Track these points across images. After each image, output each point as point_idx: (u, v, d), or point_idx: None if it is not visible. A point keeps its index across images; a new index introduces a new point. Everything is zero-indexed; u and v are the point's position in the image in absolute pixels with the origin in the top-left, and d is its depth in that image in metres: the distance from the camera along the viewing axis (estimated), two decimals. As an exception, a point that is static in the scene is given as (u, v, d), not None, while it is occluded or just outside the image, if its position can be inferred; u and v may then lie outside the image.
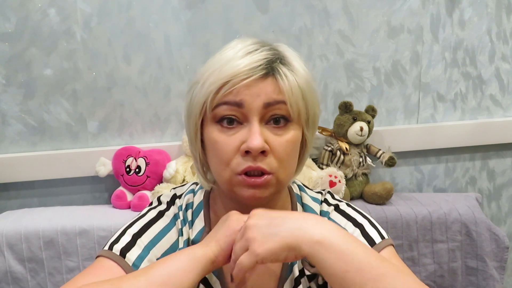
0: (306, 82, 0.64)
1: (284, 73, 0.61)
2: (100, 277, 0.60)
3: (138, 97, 1.24)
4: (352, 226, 0.69)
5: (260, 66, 0.60)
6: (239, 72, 0.60)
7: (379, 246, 0.65)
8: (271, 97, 0.61)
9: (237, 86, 0.60)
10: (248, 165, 0.61)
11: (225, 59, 0.62)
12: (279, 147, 0.62)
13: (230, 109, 0.61)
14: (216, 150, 0.63)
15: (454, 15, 1.37)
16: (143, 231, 0.67)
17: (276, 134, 0.62)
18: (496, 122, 1.44)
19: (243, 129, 0.62)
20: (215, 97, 0.61)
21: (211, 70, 0.62)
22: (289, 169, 0.65)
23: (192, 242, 0.70)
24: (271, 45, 0.65)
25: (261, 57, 0.61)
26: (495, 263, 1.22)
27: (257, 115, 0.61)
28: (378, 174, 1.39)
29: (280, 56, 0.63)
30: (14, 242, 1.06)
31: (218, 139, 0.62)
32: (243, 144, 0.61)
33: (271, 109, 0.61)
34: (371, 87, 1.35)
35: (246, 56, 0.61)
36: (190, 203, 0.72)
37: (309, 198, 0.74)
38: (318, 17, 1.28)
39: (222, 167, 0.63)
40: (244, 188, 0.62)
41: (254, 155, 0.60)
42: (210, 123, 0.63)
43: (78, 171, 1.23)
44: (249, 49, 0.62)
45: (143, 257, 0.64)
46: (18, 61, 1.17)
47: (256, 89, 0.60)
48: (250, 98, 0.60)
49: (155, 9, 1.20)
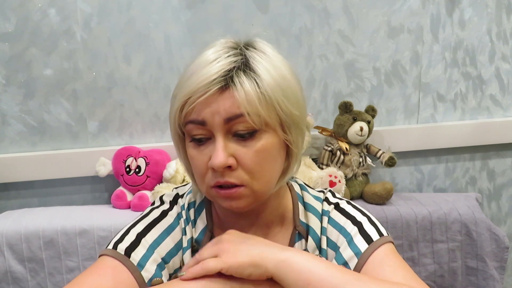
0: (275, 83, 0.60)
1: (240, 83, 0.58)
2: (104, 277, 0.60)
3: (138, 97, 1.24)
4: (351, 225, 0.69)
5: (216, 80, 0.58)
6: (196, 89, 0.58)
7: (377, 243, 0.65)
8: (229, 111, 0.59)
9: (196, 104, 0.59)
10: (216, 180, 0.61)
11: (190, 71, 0.60)
12: (247, 159, 0.60)
13: (196, 128, 0.61)
14: (193, 165, 0.64)
15: (454, 15, 1.37)
16: (147, 231, 0.67)
17: (244, 146, 0.61)
18: (496, 122, 1.44)
19: (212, 144, 0.61)
20: (181, 115, 0.61)
21: (180, 84, 0.62)
22: (264, 178, 0.63)
23: (196, 241, 0.70)
24: (243, 47, 0.62)
25: (217, 69, 0.58)
26: (495, 263, 1.22)
27: (220, 131, 0.60)
28: (378, 174, 1.39)
29: (242, 62, 0.60)
30: (14, 242, 1.06)
31: (193, 154, 0.63)
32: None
33: (233, 123, 0.59)
34: (371, 87, 1.35)
35: (205, 68, 0.59)
36: (192, 202, 0.73)
37: (311, 197, 0.74)
38: (318, 17, 1.28)
39: (200, 181, 0.64)
40: (220, 199, 0.63)
41: (220, 171, 0.60)
42: (187, 138, 0.64)
43: (78, 171, 1.23)
44: (209, 59, 0.60)
45: (148, 256, 0.64)
46: (18, 61, 1.17)
47: (215, 105, 0.59)
48: (210, 117, 0.59)
49: (155, 9, 1.20)
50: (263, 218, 0.70)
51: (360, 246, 0.65)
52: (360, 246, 0.65)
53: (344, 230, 0.69)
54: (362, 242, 0.66)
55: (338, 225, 0.70)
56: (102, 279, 0.59)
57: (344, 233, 0.69)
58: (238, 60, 0.60)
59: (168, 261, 0.67)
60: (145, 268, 0.63)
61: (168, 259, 0.67)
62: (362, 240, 0.66)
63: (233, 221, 0.70)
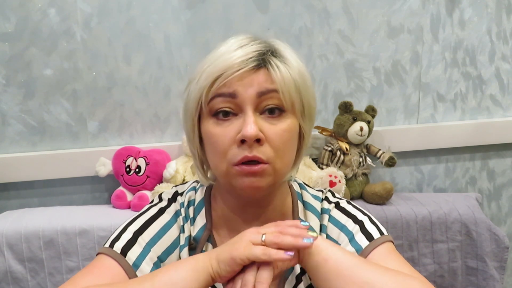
0: (299, 73, 0.64)
1: (276, 64, 0.62)
2: (100, 276, 0.60)
3: (138, 97, 1.24)
4: (352, 223, 0.70)
5: (252, 58, 0.61)
6: (231, 65, 0.60)
7: (377, 241, 0.66)
8: (263, 86, 0.61)
9: (230, 78, 0.61)
10: (244, 155, 0.61)
11: (218, 54, 0.63)
12: (275, 136, 0.62)
13: (225, 101, 0.62)
14: (213, 143, 0.63)
15: (454, 15, 1.37)
16: (144, 228, 0.67)
17: (271, 123, 0.63)
18: (496, 122, 1.44)
19: (238, 120, 0.62)
20: (209, 90, 0.62)
21: (205, 66, 0.63)
22: (286, 159, 0.65)
23: (194, 239, 0.70)
24: (264, 39, 0.66)
25: (252, 50, 0.62)
26: (495, 263, 1.22)
27: (251, 104, 0.61)
28: (378, 174, 1.39)
29: (272, 49, 0.64)
30: (14, 242, 1.06)
31: (214, 131, 0.63)
32: (238, 134, 0.61)
33: (265, 98, 0.62)
34: (371, 87, 1.35)
35: (238, 50, 0.62)
36: (192, 200, 0.73)
37: (310, 196, 0.75)
38: (318, 17, 1.28)
39: (219, 159, 0.63)
40: (241, 177, 0.62)
41: (249, 143, 0.60)
42: (207, 117, 0.64)
43: (78, 171, 1.23)
44: (241, 43, 0.63)
45: (144, 255, 0.65)
46: (18, 61, 1.17)
47: (249, 80, 0.61)
48: (243, 89, 0.61)
49: (155, 9, 1.20)
50: (265, 215, 0.71)
51: (361, 243, 0.66)
52: (361, 243, 0.66)
53: (346, 229, 0.69)
54: (363, 239, 0.67)
55: (339, 223, 0.70)
56: (98, 278, 0.60)
57: (345, 231, 0.69)
58: (267, 46, 0.64)
59: (165, 259, 0.68)
60: (140, 268, 0.63)
61: (164, 257, 0.68)
62: (363, 238, 0.67)
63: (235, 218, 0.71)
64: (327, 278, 0.57)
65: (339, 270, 0.56)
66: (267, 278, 0.56)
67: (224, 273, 0.58)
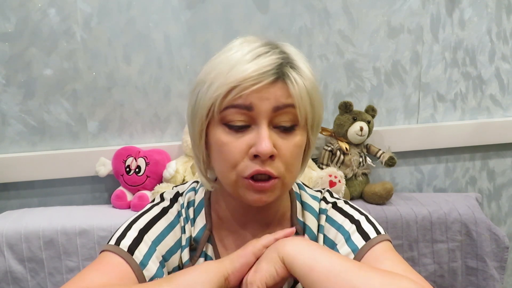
0: (313, 86, 0.64)
1: (293, 77, 0.61)
2: (108, 274, 0.60)
3: (138, 97, 1.24)
4: (349, 223, 0.69)
5: (271, 71, 0.60)
6: (248, 77, 0.59)
7: (374, 241, 0.65)
8: (280, 101, 0.61)
9: (247, 91, 0.59)
10: (256, 169, 0.61)
11: (232, 61, 0.61)
12: (286, 151, 0.62)
13: (239, 112, 0.61)
14: (223, 152, 0.62)
15: (454, 15, 1.37)
16: (149, 227, 0.67)
17: (284, 138, 0.62)
18: (496, 122, 1.44)
19: (251, 132, 0.61)
20: (223, 100, 0.60)
21: (217, 71, 0.61)
22: (295, 172, 0.65)
23: (194, 240, 0.70)
24: (278, 46, 0.64)
25: (270, 62, 0.60)
26: (495, 263, 1.22)
27: (266, 118, 0.61)
28: (378, 174, 1.39)
29: (289, 60, 0.62)
30: (14, 242, 1.06)
31: (226, 140, 0.62)
32: (251, 147, 0.61)
33: (280, 113, 0.61)
34: (371, 87, 1.35)
35: (255, 60, 0.60)
36: (191, 201, 0.73)
37: (308, 196, 0.75)
38: (318, 17, 1.28)
39: (228, 170, 0.62)
40: (250, 192, 0.62)
41: (262, 159, 0.60)
42: (217, 124, 0.63)
43: (78, 171, 1.23)
44: (258, 52, 0.61)
45: (151, 254, 0.64)
46: (18, 61, 1.17)
47: (266, 93, 0.60)
48: (259, 102, 0.60)
49: (155, 9, 1.20)
50: (265, 216, 0.71)
51: (357, 243, 0.66)
52: (357, 243, 0.66)
53: (342, 228, 0.69)
54: (359, 239, 0.66)
55: (336, 223, 0.70)
56: (106, 276, 0.59)
57: (342, 231, 0.69)
58: (285, 57, 0.62)
59: (168, 258, 0.68)
60: (147, 268, 0.63)
61: (168, 257, 0.68)
62: (359, 238, 0.66)
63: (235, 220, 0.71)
64: (315, 286, 0.57)
65: (326, 277, 0.56)
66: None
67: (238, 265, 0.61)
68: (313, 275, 0.57)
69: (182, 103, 1.26)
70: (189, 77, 1.25)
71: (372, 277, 0.55)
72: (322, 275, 0.56)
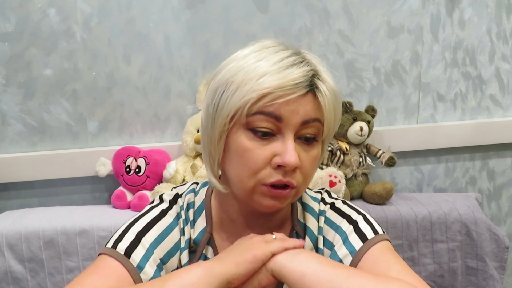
0: (337, 98, 0.64)
1: (323, 91, 0.62)
2: (105, 277, 0.59)
3: (138, 97, 1.24)
4: (346, 223, 0.69)
5: (304, 83, 0.60)
6: (283, 86, 0.59)
7: (371, 242, 0.65)
8: (309, 115, 0.61)
9: (279, 101, 0.59)
10: (279, 179, 0.61)
11: (262, 68, 0.60)
12: (307, 163, 0.63)
13: (267, 120, 0.61)
14: (245, 157, 0.62)
15: (454, 15, 1.37)
16: (147, 230, 0.67)
17: (305, 150, 0.63)
18: (496, 122, 1.44)
19: (276, 141, 0.62)
20: (253, 105, 0.60)
21: (245, 75, 0.60)
22: (309, 182, 0.67)
23: (194, 242, 0.70)
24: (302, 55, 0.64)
25: (304, 73, 0.60)
26: (495, 263, 1.22)
27: (293, 130, 0.61)
28: (378, 174, 1.39)
29: (316, 71, 0.63)
30: (14, 242, 1.05)
31: (250, 147, 0.61)
32: (274, 156, 0.61)
33: (307, 126, 0.62)
34: (371, 87, 1.35)
35: (288, 69, 0.60)
36: (191, 203, 0.72)
37: (309, 197, 0.75)
38: (318, 17, 1.28)
39: (249, 175, 0.62)
40: (265, 197, 0.63)
41: (286, 170, 0.61)
42: (242, 128, 0.62)
43: (78, 171, 1.23)
44: (290, 62, 0.61)
45: (148, 257, 0.64)
46: (18, 61, 1.17)
47: (296, 106, 0.60)
48: (289, 114, 0.60)
49: (155, 9, 1.20)
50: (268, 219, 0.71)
51: (355, 244, 0.66)
52: (354, 245, 0.66)
53: (340, 229, 0.69)
54: (357, 240, 0.66)
55: (334, 224, 0.70)
56: (103, 280, 0.59)
57: (339, 232, 0.69)
58: (314, 68, 0.63)
59: (166, 261, 0.67)
60: (144, 271, 0.63)
61: (166, 260, 0.67)
62: (356, 239, 0.66)
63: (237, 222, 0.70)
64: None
65: (318, 283, 0.56)
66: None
67: (244, 271, 0.59)
68: (304, 281, 0.57)
69: (182, 103, 1.26)
70: (189, 77, 1.25)
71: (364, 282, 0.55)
72: (313, 281, 0.56)
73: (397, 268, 0.60)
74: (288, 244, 0.62)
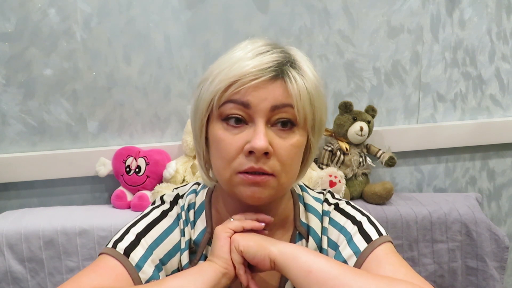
0: (315, 87, 0.63)
1: (293, 77, 0.61)
2: (103, 276, 0.60)
3: (138, 97, 1.24)
4: (351, 224, 0.69)
5: (270, 68, 0.60)
6: (248, 73, 0.59)
7: (376, 243, 0.65)
8: (278, 100, 0.61)
9: (245, 86, 0.60)
10: (250, 166, 0.61)
11: (234, 58, 0.62)
12: (283, 150, 0.62)
13: (237, 108, 0.61)
14: (220, 148, 0.63)
15: (454, 15, 1.37)
16: (147, 231, 0.67)
17: (281, 137, 0.62)
18: (496, 122, 1.44)
19: (248, 129, 0.62)
20: (222, 95, 0.61)
21: (220, 68, 0.62)
22: (291, 173, 0.65)
23: (194, 243, 0.70)
24: (282, 47, 0.64)
25: (271, 59, 0.61)
26: (495, 263, 1.22)
27: (263, 117, 0.61)
28: (378, 174, 1.39)
29: (291, 60, 0.63)
30: (14, 242, 1.06)
31: (223, 137, 0.62)
32: (247, 144, 0.61)
33: (278, 112, 0.61)
34: (371, 87, 1.35)
35: (256, 57, 0.61)
36: (192, 203, 0.73)
37: (311, 198, 0.75)
38: (318, 17, 1.28)
39: (224, 166, 0.63)
40: (244, 186, 0.62)
41: (257, 155, 0.60)
42: (216, 120, 0.63)
43: (78, 171, 1.23)
44: (260, 50, 0.62)
45: (147, 257, 0.65)
46: (18, 61, 1.17)
47: (264, 92, 0.60)
48: (257, 100, 0.60)
49: (155, 9, 1.20)
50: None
51: (359, 245, 0.66)
52: (359, 245, 0.66)
53: (344, 230, 0.69)
54: (361, 241, 0.66)
55: (339, 225, 0.70)
56: (102, 278, 0.59)
57: (344, 232, 0.69)
58: (287, 56, 0.62)
59: (166, 262, 0.68)
60: (143, 270, 0.63)
61: (166, 261, 0.68)
62: (361, 239, 0.66)
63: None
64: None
65: (324, 281, 0.56)
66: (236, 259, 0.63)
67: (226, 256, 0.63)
68: (310, 278, 0.57)
69: (182, 103, 1.26)
70: (189, 77, 1.25)
71: (369, 281, 0.56)
72: (320, 278, 0.56)
73: (403, 271, 0.61)
74: (247, 223, 0.65)
